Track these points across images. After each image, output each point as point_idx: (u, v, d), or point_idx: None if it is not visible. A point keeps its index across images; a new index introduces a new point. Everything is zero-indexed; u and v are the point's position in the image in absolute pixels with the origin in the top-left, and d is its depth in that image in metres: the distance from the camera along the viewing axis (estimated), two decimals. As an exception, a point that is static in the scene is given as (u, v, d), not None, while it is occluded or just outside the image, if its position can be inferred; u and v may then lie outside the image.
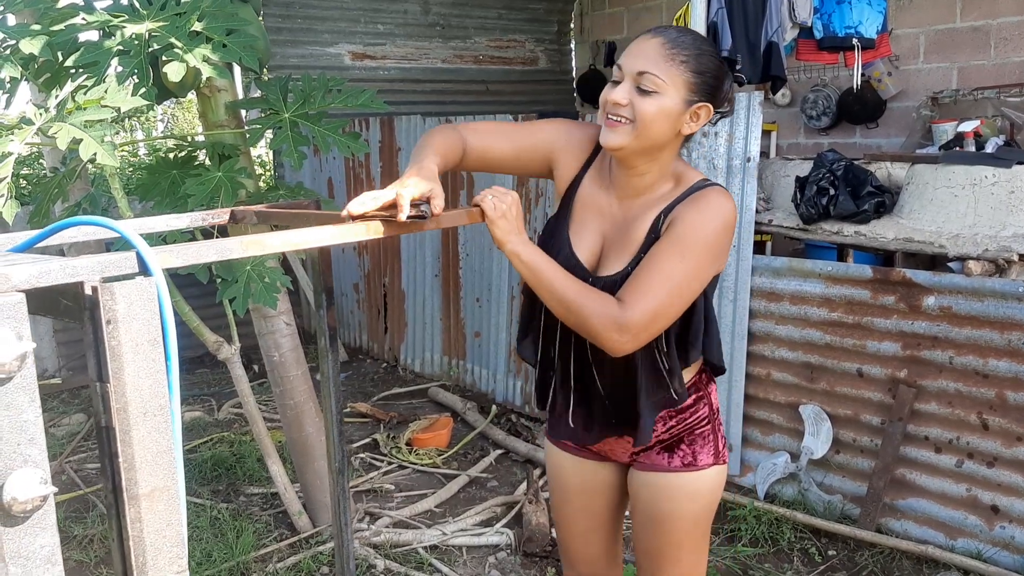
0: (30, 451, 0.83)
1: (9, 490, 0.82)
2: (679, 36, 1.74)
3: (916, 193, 3.74)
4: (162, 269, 0.97)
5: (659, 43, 1.72)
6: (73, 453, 4.69)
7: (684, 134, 1.80)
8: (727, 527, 3.72)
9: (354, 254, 6.56)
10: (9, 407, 0.81)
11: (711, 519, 2.01)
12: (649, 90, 1.71)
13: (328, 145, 2.95)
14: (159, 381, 0.92)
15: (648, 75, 1.70)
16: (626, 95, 1.72)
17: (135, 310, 0.90)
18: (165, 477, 0.95)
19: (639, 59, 1.72)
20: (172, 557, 0.97)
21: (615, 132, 1.74)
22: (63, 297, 0.91)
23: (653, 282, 1.71)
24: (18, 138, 2.40)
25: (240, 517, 3.87)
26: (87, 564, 3.54)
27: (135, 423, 0.91)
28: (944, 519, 3.47)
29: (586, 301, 1.70)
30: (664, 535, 1.96)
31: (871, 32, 5.12)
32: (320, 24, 6.83)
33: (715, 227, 1.74)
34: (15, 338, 0.80)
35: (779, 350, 3.94)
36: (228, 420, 5.22)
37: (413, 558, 3.53)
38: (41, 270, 0.85)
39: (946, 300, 3.42)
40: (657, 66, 1.70)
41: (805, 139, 6.76)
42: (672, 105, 1.72)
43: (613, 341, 1.71)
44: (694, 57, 1.72)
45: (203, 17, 2.73)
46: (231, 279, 2.99)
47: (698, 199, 1.77)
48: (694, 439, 1.92)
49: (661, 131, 1.74)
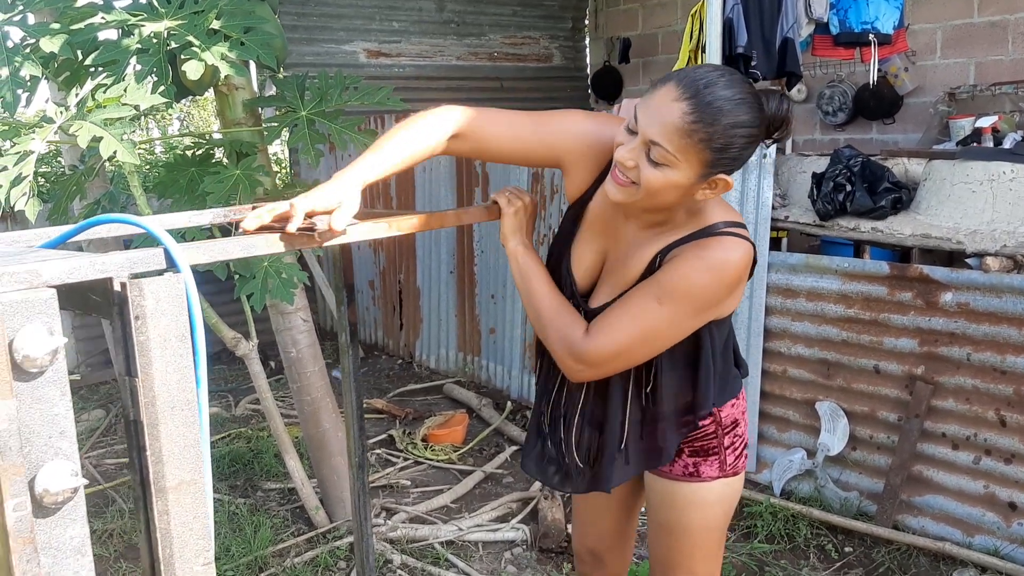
0: (61, 444, 0.85)
1: (41, 482, 0.83)
2: (709, 101, 1.51)
3: (934, 189, 3.72)
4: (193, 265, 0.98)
5: (681, 112, 1.51)
6: (92, 449, 4.73)
7: (699, 200, 1.64)
8: (743, 523, 3.71)
9: (370, 251, 6.58)
10: (41, 400, 0.82)
11: (722, 532, 1.98)
12: (659, 163, 1.55)
13: (345, 142, 2.96)
14: (187, 376, 0.94)
15: (659, 148, 1.53)
16: (634, 157, 1.57)
17: (163, 306, 0.91)
18: (192, 470, 0.96)
19: (654, 125, 1.53)
20: (198, 549, 0.99)
21: (620, 190, 1.62)
22: (92, 293, 0.93)
23: (622, 320, 1.64)
24: (39, 136, 2.42)
25: (258, 512, 3.89)
26: (107, 558, 3.58)
27: (163, 417, 0.93)
28: (961, 516, 3.46)
29: (555, 320, 1.69)
30: (672, 544, 1.95)
31: (887, 27, 5.10)
32: (336, 22, 6.85)
33: (706, 281, 1.63)
34: (47, 333, 0.81)
35: (795, 346, 3.93)
36: (245, 416, 5.25)
37: (429, 553, 3.55)
38: (72, 266, 0.87)
39: (964, 296, 3.40)
40: (671, 142, 1.52)
41: (821, 135, 6.74)
42: (681, 180, 1.56)
43: (568, 367, 1.71)
44: (720, 133, 1.52)
45: (221, 15, 2.75)
46: (249, 275, 3.01)
47: (701, 246, 1.64)
48: (696, 452, 1.88)
49: (668, 199, 1.61)
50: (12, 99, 2.71)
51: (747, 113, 1.54)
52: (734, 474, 1.91)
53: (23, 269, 0.82)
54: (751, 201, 3.98)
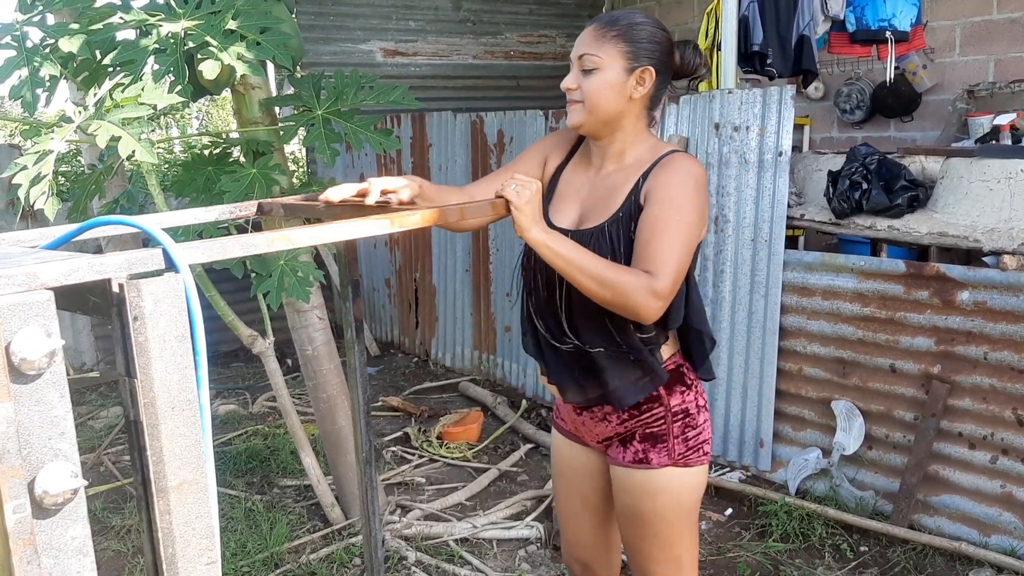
0: (61, 445, 0.86)
1: (41, 483, 0.84)
2: (611, 16, 1.91)
3: (951, 187, 3.69)
4: (192, 264, 0.99)
5: (593, 27, 1.90)
6: (111, 445, 4.78)
7: (636, 98, 1.90)
8: (758, 522, 3.71)
9: (386, 249, 6.60)
10: (40, 403, 0.83)
11: (680, 522, 2.02)
12: (590, 69, 1.88)
13: (360, 142, 2.98)
14: (187, 376, 0.95)
15: (586, 56, 1.88)
16: (574, 79, 1.90)
17: (162, 306, 0.92)
18: (194, 470, 0.97)
19: (578, 46, 1.90)
20: (201, 549, 1.00)
21: (572, 112, 1.92)
22: (91, 294, 0.94)
23: (665, 246, 1.79)
24: (58, 136, 2.45)
25: (274, 509, 3.92)
26: (124, 554, 3.61)
27: (163, 417, 0.94)
28: (978, 516, 3.43)
29: (621, 277, 1.76)
30: (631, 529, 2.05)
31: (905, 25, 5.06)
32: (352, 21, 6.87)
33: (690, 187, 1.85)
34: (44, 335, 0.82)
35: (811, 345, 3.91)
36: (262, 413, 5.29)
37: (444, 550, 3.56)
38: (69, 268, 0.88)
39: (981, 295, 3.37)
40: (590, 47, 1.88)
41: (838, 133, 6.69)
42: (613, 76, 1.87)
43: (650, 309, 1.78)
44: (625, 29, 1.88)
45: (237, 15, 2.77)
46: (265, 273, 3.03)
47: (667, 165, 1.88)
48: (646, 437, 1.97)
49: (610, 102, 1.89)
50: (32, 99, 2.74)
51: (644, 18, 1.92)
52: (685, 465, 1.98)
53: (20, 271, 0.83)
54: (767, 199, 3.96)
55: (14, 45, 2.76)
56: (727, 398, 4.20)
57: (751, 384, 4.10)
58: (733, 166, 4.05)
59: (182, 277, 0.95)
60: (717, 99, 4.11)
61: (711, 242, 4.16)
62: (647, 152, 1.95)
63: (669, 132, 4.31)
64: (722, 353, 4.18)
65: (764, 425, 4.07)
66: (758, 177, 3.99)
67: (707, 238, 4.18)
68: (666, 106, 4.36)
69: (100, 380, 5.74)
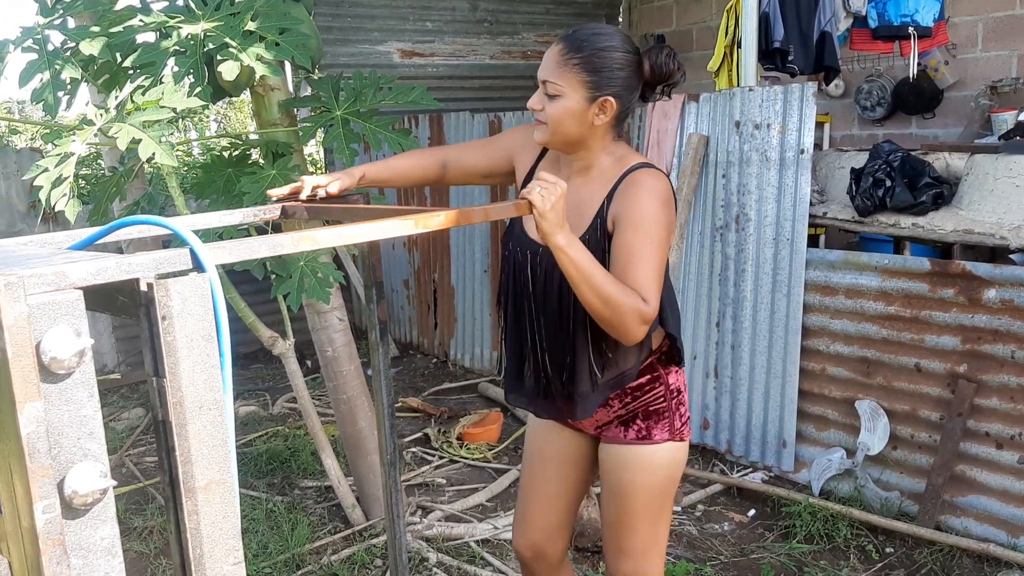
0: (90, 445, 0.85)
1: (70, 483, 0.83)
2: (576, 40, 1.92)
3: (976, 184, 3.65)
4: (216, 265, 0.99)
5: (557, 51, 1.93)
6: (132, 447, 4.80)
7: (598, 125, 1.95)
8: (781, 523, 3.68)
9: (404, 250, 6.60)
10: (69, 402, 0.83)
11: (669, 495, 2.15)
12: (553, 95, 1.93)
13: (379, 142, 2.97)
14: (214, 376, 0.94)
15: (550, 83, 1.93)
16: (539, 101, 1.97)
17: (189, 306, 0.91)
18: (220, 470, 0.96)
19: (543, 68, 1.95)
20: (228, 549, 0.99)
21: (537, 131, 2.00)
22: (119, 294, 0.93)
23: (641, 271, 1.86)
24: (80, 138, 2.46)
25: (295, 510, 3.92)
26: (147, 555, 3.62)
27: (191, 417, 0.93)
28: (1006, 517, 3.39)
29: (622, 299, 1.81)
30: (622, 505, 2.12)
31: (927, 20, 5.01)
32: (369, 22, 6.88)
33: (656, 204, 1.89)
34: (73, 335, 0.81)
35: (834, 344, 3.88)
36: (282, 415, 5.29)
37: (465, 551, 3.55)
38: (98, 267, 0.87)
39: (1007, 293, 3.33)
40: (553, 73, 1.92)
41: (859, 130, 6.64)
42: (575, 105, 1.92)
43: (637, 333, 1.85)
44: (587, 57, 1.90)
45: (256, 17, 2.77)
46: (285, 275, 3.03)
47: (632, 185, 1.93)
48: (649, 415, 2.08)
49: (572, 128, 1.95)
50: (54, 102, 2.75)
51: (612, 41, 1.92)
52: (680, 439, 2.12)
53: (50, 271, 0.82)
54: (788, 197, 3.93)
55: (36, 48, 2.77)
56: (749, 398, 4.17)
57: (773, 384, 4.06)
58: (754, 164, 4.02)
59: (208, 277, 0.94)
60: (738, 96, 4.08)
61: (732, 241, 4.14)
62: (613, 166, 2.00)
63: (689, 130, 4.29)
64: (744, 353, 4.15)
65: (787, 425, 4.04)
66: (779, 175, 3.96)
67: (728, 237, 4.16)
68: (686, 103, 4.33)
69: (122, 382, 5.77)
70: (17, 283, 0.77)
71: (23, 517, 0.83)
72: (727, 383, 4.26)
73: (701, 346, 4.37)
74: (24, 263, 0.87)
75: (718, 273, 4.24)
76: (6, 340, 0.76)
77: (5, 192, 5.70)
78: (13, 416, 0.78)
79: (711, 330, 4.31)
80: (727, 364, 4.24)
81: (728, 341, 4.22)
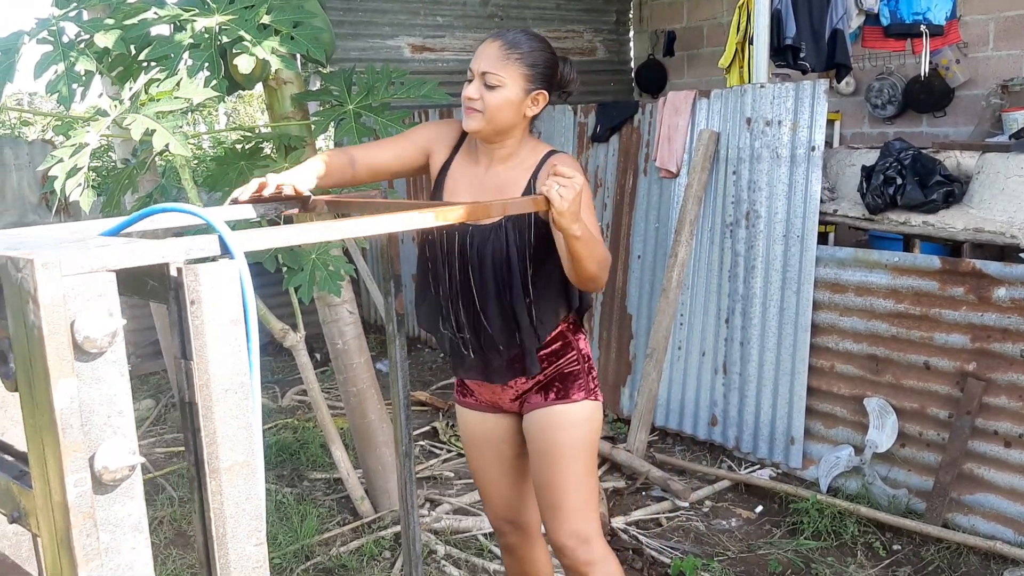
0: (119, 423, 0.87)
1: (100, 460, 0.85)
2: (514, 39, 2.14)
3: (987, 182, 3.65)
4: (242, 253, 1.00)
5: (498, 46, 2.12)
6: (142, 438, 4.82)
7: (528, 115, 2.18)
8: (788, 520, 3.68)
9: (413, 245, 6.61)
10: (100, 380, 0.85)
11: (593, 453, 2.32)
12: (493, 85, 2.10)
13: (390, 136, 2.98)
14: (240, 359, 0.95)
15: (490, 74, 2.10)
16: (477, 91, 2.12)
17: (217, 291, 0.93)
18: (245, 452, 0.98)
19: (482, 61, 2.12)
20: (251, 529, 1.01)
21: (471, 119, 2.15)
22: (150, 278, 0.95)
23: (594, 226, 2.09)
24: (94, 129, 2.47)
25: (304, 502, 3.94)
26: (157, 545, 3.64)
27: (217, 399, 0.95)
28: (1014, 515, 3.40)
29: (606, 254, 2.08)
30: (552, 463, 2.27)
31: (939, 19, 5.01)
32: (380, 17, 6.90)
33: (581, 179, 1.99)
34: (106, 315, 0.83)
35: (843, 342, 3.89)
36: (292, 407, 5.32)
37: (473, 544, 3.57)
38: (131, 251, 0.89)
39: (1018, 291, 3.34)
40: (495, 65, 2.10)
41: (869, 128, 6.64)
42: (513, 95, 2.12)
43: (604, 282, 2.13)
44: (527, 54, 2.12)
45: (271, 10, 2.78)
46: (297, 267, 3.05)
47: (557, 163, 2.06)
48: (565, 377, 2.28)
49: (508, 117, 2.14)
50: (68, 94, 2.77)
51: (544, 44, 2.18)
52: (595, 399, 2.32)
53: (86, 253, 0.84)
54: (799, 194, 3.94)
55: (51, 40, 2.79)
56: (757, 394, 4.18)
57: (782, 381, 4.07)
58: (765, 161, 4.03)
59: (236, 264, 0.95)
60: (749, 93, 4.09)
61: (742, 238, 4.14)
62: (530, 154, 2.23)
63: (700, 127, 4.30)
64: (752, 349, 4.16)
65: (795, 422, 4.04)
66: (790, 172, 3.96)
67: (738, 234, 4.16)
68: (697, 100, 4.34)
69: (132, 373, 5.80)
70: (54, 263, 0.79)
71: (54, 492, 0.85)
72: (736, 380, 4.27)
73: (710, 342, 4.37)
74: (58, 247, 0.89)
75: (728, 269, 4.25)
76: (42, 318, 0.78)
77: (17, 184, 5.73)
78: (47, 392, 0.80)
79: (720, 326, 4.31)
80: (736, 360, 4.25)
81: (737, 338, 4.23)
